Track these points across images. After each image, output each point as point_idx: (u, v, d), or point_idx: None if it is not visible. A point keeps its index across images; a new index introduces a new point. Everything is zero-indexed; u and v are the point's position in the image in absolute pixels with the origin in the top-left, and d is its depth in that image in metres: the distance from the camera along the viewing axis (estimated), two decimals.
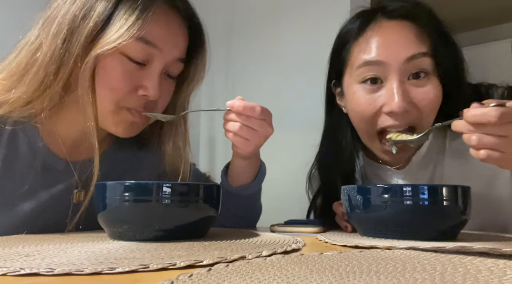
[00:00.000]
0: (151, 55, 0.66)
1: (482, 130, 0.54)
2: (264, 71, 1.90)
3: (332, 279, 0.30)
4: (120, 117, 0.67)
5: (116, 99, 0.65)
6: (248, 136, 0.67)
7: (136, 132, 0.71)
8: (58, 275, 0.32)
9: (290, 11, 1.83)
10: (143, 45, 0.64)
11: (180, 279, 0.29)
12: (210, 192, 0.55)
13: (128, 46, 0.62)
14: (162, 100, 0.71)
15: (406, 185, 0.54)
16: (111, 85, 0.64)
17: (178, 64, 0.71)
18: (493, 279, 0.31)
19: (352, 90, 0.76)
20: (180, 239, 0.51)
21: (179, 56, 0.70)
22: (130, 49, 0.63)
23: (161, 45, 0.66)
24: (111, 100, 0.65)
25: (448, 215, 0.54)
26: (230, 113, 0.67)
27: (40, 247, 0.45)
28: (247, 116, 0.66)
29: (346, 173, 0.84)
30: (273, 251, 0.42)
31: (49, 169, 0.68)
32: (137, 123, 0.69)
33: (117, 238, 0.52)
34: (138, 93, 0.66)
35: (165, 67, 0.69)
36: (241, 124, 0.66)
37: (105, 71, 0.63)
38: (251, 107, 0.66)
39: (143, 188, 0.50)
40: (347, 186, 0.60)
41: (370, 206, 0.56)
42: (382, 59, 0.71)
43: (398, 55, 0.70)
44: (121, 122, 0.67)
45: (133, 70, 0.65)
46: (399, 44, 0.71)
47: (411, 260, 0.38)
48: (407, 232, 0.54)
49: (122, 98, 0.65)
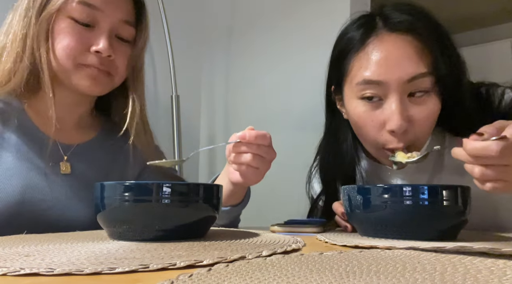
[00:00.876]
0: (95, 17, 0.75)
1: (484, 161, 0.54)
2: (264, 71, 1.90)
3: (332, 279, 0.30)
4: (81, 73, 0.75)
5: (72, 56, 0.74)
6: (259, 165, 0.67)
7: (102, 89, 0.80)
8: (58, 275, 0.32)
9: (290, 11, 1.83)
10: (85, 8, 0.74)
11: (180, 279, 0.29)
12: (210, 192, 0.55)
13: (73, 10, 0.73)
14: (120, 61, 0.79)
15: (406, 185, 0.54)
16: (64, 45, 0.73)
17: (126, 27, 0.79)
18: (493, 279, 0.31)
19: (352, 104, 0.76)
20: (180, 239, 0.51)
21: (124, 18, 0.79)
22: (75, 12, 0.73)
23: (102, 7, 0.75)
24: (67, 58, 0.74)
25: (448, 215, 0.54)
26: (240, 145, 0.66)
27: (40, 247, 0.45)
28: (258, 145, 0.66)
29: (346, 174, 0.84)
30: (273, 251, 0.42)
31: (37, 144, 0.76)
32: (98, 77, 0.77)
33: (117, 238, 0.52)
34: (91, 50, 0.75)
35: (113, 28, 0.77)
36: (252, 154, 0.66)
37: (58, 34, 0.74)
38: (262, 135, 0.66)
39: (143, 188, 0.50)
40: (347, 186, 0.60)
41: (370, 206, 0.56)
42: (382, 79, 0.70)
43: (399, 76, 0.70)
44: (83, 77, 0.76)
45: (82, 31, 0.74)
46: (400, 63, 0.70)
47: (411, 260, 0.38)
48: (407, 232, 0.54)
49: (77, 55, 0.74)
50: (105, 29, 0.76)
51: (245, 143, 0.66)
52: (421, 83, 0.70)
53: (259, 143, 0.66)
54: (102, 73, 0.77)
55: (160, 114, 1.70)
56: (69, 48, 0.73)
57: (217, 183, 0.79)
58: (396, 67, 0.70)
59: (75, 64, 0.75)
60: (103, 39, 0.75)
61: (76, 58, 0.74)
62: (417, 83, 0.70)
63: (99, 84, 0.78)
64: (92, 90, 0.78)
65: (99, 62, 0.76)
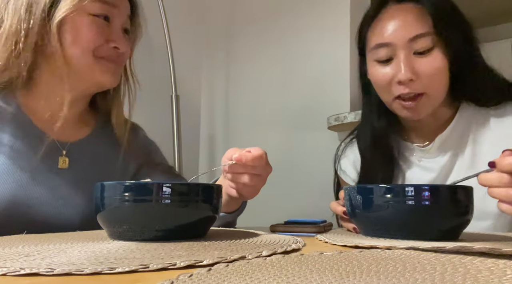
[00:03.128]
0: (111, 13, 0.79)
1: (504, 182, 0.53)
2: (264, 71, 1.90)
3: (332, 279, 0.30)
4: (103, 67, 0.78)
5: (92, 48, 0.76)
6: (256, 183, 0.69)
7: (118, 81, 0.84)
8: (58, 275, 0.32)
9: (290, 11, 1.83)
10: (102, 5, 0.77)
11: (180, 279, 0.29)
12: (210, 192, 0.55)
13: (91, 7, 0.76)
14: (127, 53, 0.83)
15: (408, 185, 0.54)
16: (85, 38, 0.75)
17: (128, 21, 0.85)
18: (493, 279, 0.31)
19: (371, 67, 0.88)
20: (180, 239, 0.51)
21: (128, 13, 0.84)
22: (94, 8, 0.76)
23: (117, 3, 0.80)
24: (88, 52, 0.76)
25: (450, 216, 0.54)
26: (237, 166, 0.67)
27: (40, 247, 0.45)
28: (254, 166, 0.67)
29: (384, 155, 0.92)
30: (273, 251, 0.42)
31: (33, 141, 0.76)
32: (116, 70, 0.81)
33: (117, 238, 0.52)
34: (110, 45, 0.78)
35: (123, 23, 0.82)
36: (249, 175, 0.67)
37: (76, 29, 0.75)
38: (259, 157, 0.66)
39: (143, 188, 0.50)
40: (348, 187, 0.60)
41: (372, 206, 0.56)
42: (389, 41, 0.83)
43: (402, 36, 0.82)
44: (105, 71, 0.79)
45: (100, 23, 0.77)
46: (402, 26, 0.82)
47: (411, 260, 0.38)
48: (408, 232, 0.54)
49: (96, 48, 0.77)
50: (119, 24, 0.80)
51: (241, 165, 0.66)
52: (423, 41, 0.81)
53: (256, 165, 0.66)
54: (118, 66, 0.82)
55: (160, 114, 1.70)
56: (91, 41, 0.76)
57: None
58: (400, 29, 0.82)
59: (95, 57, 0.77)
60: (119, 36, 0.80)
61: (96, 50, 0.77)
62: (419, 41, 0.81)
63: (117, 76, 0.82)
64: (112, 82, 0.81)
65: (116, 55, 0.80)
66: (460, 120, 0.87)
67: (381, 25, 0.85)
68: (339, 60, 1.69)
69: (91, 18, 0.76)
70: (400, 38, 0.82)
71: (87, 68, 0.77)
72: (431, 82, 0.81)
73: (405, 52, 0.81)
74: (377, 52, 0.85)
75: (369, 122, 0.96)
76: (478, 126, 0.86)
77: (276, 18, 1.87)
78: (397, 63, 0.82)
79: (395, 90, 0.83)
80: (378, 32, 0.85)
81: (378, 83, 0.86)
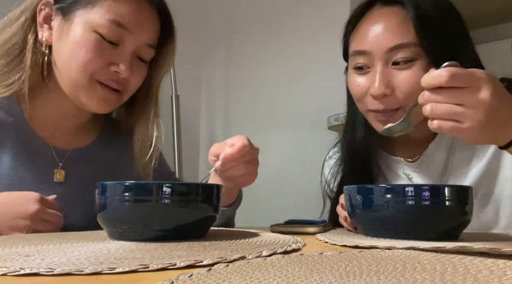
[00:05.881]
0: (123, 37, 0.73)
1: (438, 97, 0.53)
2: (264, 71, 1.90)
3: (332, 279, 0.30)
4: (94, 92, 0.73)
5: (90, 71, 0.71)
6: (251, 168, 0.69)
7: (110, 108, 0.78)
8: (58, 275, 0.32)
9: (290, 11, 1.83)
10: (115, 27, 0.71)
11: (180, 279, 0.29)
12: (210, 192, 0.55)
13: (102, 26, 0.70)
14: (134, 80, 0.77)
15: (408, 185, 0.54)
16: (85, 59, 0.70)
17: (149, 50, 0.78)
18: (493, 279, 0.31)
19: (349, 74, 0.82)
20: (180, 239, 0.51)
21: (150, 41, 0.77)
22: (104, 29, 0.71)
23: (132, 29, 0.73)
24: (85, 73, 0.71)
25: (450, 216, 0.54)
26: (227, 163, 0.68)
27: (40, 247, 0.45)
28: (242, 155, 0.67)
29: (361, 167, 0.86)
30: (273, 251, 0.42)
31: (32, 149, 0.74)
32: (109, 99, 0.75)
33: (117, 238, 0.52)
34: (111, 69, 0.73)
35: (136, 49, 0.75)
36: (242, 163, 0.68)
37: (78, 45, 0.70)
38: (242, 146, 0.67)
39: (143, 188, 0.50)
40: (348, 186, 0.60)
41: (372, 206, 0.56)
42: (366, 49, 0.76)
43: (381, 45, 0.74)
44: (94, 97, 0.74)
45: (106, 47, 0.72)
46: (382, 34, 0.75)
47: (411, 260, 0.38)
48: (409, 232, 0.54)
49: (95, 71, 0.71)
50: (129, 50, 0.74)
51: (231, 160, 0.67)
52: (404, 52, 0.73)
53: (243, 154, 0.67)
54: (114, 94, 0.75)
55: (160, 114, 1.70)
56: (90, 63, 0.71)
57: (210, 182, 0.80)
58: (379, 37, 0.75)
59: (91, 80, 0.72)
60: (125, 61, 0.73)
61: (93, 74, 0.72)
62: (399, 52, 0.73)
63: (107, 105, 0.77)
64: (100, 109, 0.77)
65: (115, 81, 0.74)
66: None
67: (362, 30, 0.78)
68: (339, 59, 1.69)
69: (96, 38, 0.70)
70: (378, 47, 0.74)
71: (75, 87, 0.73)
72: (408, 98, 0.73)
73: (382, 63, 0.74)
74: (355, 59, 0.78)
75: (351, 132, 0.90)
76: None
77: (276, 18, 1.87)
78: (373, 74, 0.75)
79: (369, 103, 0.77)
80: (358, 38, 0.79)
81: (353, 93, 0.81)
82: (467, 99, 0.52)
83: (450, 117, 0.53)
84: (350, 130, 0.90)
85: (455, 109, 0.52)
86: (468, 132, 0.53)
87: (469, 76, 0.52)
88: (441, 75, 0.51)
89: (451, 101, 0.52)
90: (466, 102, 0.52)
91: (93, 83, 0.72)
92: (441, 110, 0.53)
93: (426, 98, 0.54)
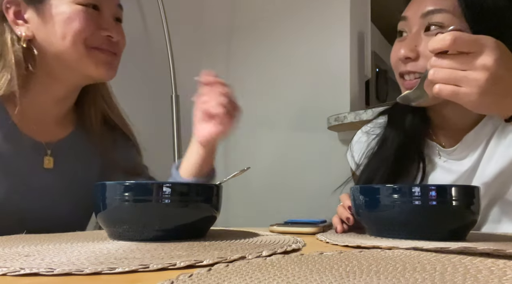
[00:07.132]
0: (100, 2, 0.77)
1: (442, 62, 0.53)
2: (264, 71, 1.90)
3: (332, 279, 0.30)
4: (96, 58, 0.76)
5: (84, 38, 0.74)
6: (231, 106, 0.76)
7: (115, 71, 0.81)
8: (58, 275, 0.32)
9: (290, 12, 1.83)
10: None
11: (180, 279, 0.29)
12: (210, 192, 0.55)
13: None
14: (122, 41, 0.81)
15: (415, 185, 0.53)
16: (78, 28, 0.73)
17: (120, 11, 0.83)
18: (493, 279, 0.31)
19: None
20: (180, 239, 0.51)
21: (119, 2, 0.82)
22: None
23: None
24: (80, 41, 0.74)
25: (457, 216, 0.54)
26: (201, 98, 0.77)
27: (40, 247, 0.45)
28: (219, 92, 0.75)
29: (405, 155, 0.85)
30: (273, 251, 0.42)
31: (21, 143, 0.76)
32: (112, 61, 0.79)
33: (117, 238, 0.52)
34: (102, 34, 0.76)
35: (113, 12, 0.80)
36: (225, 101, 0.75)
37: (68, 19, 0.73)
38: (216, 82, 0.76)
39: (143, 188, 0.50)
40: (354, 187, 0.60)
41: (379, 206, 0.55)
42: (406, 15, 0.79)
43: (417, 10, 0.77)
44: (99, 63, 0.76)
45: (91, 13, 0.75)
46: (420, 1, 0.77)
47: (411, 260, 0.38)
48: (415, 233, 0.53)
49: (88, 37, 0.74)
50: (110, 13, 0.78)
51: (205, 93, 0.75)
52: (437, 17, 0.74)
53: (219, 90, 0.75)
54: (113, 56, 0.79)
55: (160, 114, 1.70)
56: (82, 31, 0.74)
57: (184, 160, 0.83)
58: (418, 2, 0.77)
59: (87, 48, 0.75)
60: (112, 24, 0.78)
61: (87, 40, 0.75)
62: (430, 18, 0.74)
63: (113, 68, 0.80)
64: (109, 74, 0.79)
65: (110, 45, 0.78)
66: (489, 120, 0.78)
67: None
68: (339, 60, 1.69)
69: (77, 8, 0.74)
70: (415, 12, 0.76)
71: (79, 61, 0.75)
72: None
73: (417, 28, 0.75)
74: (399, 26, 0.80)
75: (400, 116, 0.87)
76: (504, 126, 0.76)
77: (276, 18, 1.87)
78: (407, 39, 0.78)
79: (399, 66, 0.79)
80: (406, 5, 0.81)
81: (391, 58, 0.82)
82: (469, 64, 0.52)
83: (451, 81, 0.53)
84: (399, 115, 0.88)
85: (456, 73, 0.52)
86: (467, 97, 0.53)
87: (473, 41, 0.52)
88: (444, 39, 0.52)
89: (454, 66, 0.52)
90: (468, 67, 0.52)
91: (90, 50, 0.75)
92: (442, 74, 0.53)
93: (432, 63, 0.54)
